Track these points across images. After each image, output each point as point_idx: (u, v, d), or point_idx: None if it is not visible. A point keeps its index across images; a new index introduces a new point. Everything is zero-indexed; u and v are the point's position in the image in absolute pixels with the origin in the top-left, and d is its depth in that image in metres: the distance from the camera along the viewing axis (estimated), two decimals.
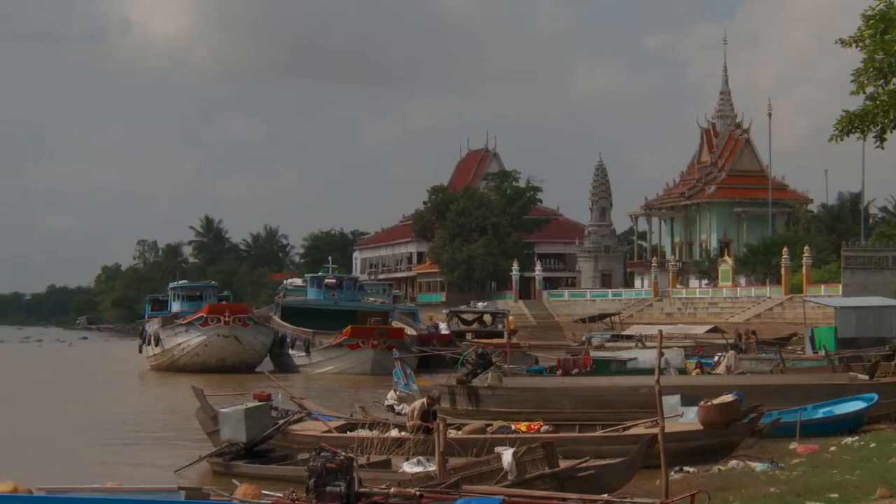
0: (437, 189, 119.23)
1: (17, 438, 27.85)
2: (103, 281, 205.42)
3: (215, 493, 14.68)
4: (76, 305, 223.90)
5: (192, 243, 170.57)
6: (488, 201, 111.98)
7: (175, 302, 66.23)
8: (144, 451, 25.46)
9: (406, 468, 17.91)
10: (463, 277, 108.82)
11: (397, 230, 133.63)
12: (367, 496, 13.41)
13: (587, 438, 20.54)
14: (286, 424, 21.62)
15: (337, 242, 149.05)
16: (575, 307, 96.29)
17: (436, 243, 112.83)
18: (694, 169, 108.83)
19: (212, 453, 21.11)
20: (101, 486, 14.81)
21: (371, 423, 22.54)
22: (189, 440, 25.19)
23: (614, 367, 35.16)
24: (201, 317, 56.23)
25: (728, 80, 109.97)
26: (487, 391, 27.10)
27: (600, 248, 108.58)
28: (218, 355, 55.30)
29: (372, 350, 52.16)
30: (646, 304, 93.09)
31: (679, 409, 21.81)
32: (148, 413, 35.34)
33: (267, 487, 15.50)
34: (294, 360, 56.68)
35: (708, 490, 14.18)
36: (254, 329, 56.62)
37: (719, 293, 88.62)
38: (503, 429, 21.27)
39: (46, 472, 20.00)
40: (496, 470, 15.82)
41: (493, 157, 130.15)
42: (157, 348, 59.41)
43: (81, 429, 30.13)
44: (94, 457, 24.10)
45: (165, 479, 19.78)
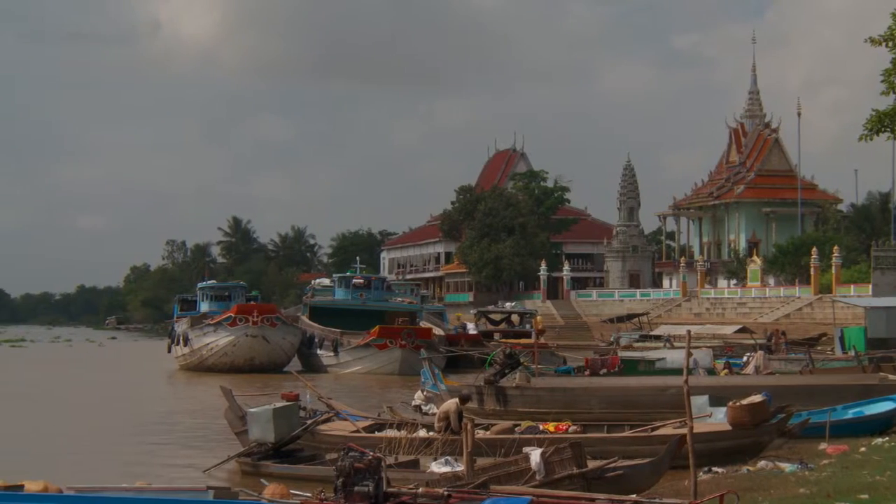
0: (465, 189, 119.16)
1: (46, 438, 27.99)
2: (132, 281, 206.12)
3: (244, 493, 14.71)
4: (105, 305, 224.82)
5: (220, 243, 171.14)
6: (516, 201, 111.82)
7: (204, 302, 66.45)
8: (173, 450, 25.53)
9: (434, 468, 17.91)
10: (491, 277, 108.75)
11: (425, 230, 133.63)
12: (395, 496, 13.41)
13: (615, 439, 20.48)
14: (314, 424, 21.66)
15: (365, 242, 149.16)
16: (603, 307, 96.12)
17: (463, 243, 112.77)
18: (722, 169, 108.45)
19: (240, 453, 21.16)
20: (130, 486, 14.86)
21: (399, 423, 22.54)
22: (218, 440, 25.27)
23: (642, 368, 35.09)
24: (230, 317, 56.32)
25: (757, 79, 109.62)
26: (515, 391, 27.08)
27: (628, 248, 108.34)
28: (246, 355, 55.38)
29: (400, 350, 52.20)
30: (674, 305, 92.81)
31: (708, 410, 21.72)
32: (176, 413, 35.44)
33: (295, 487, 15.53)
34: (322, 359, 56.75)
35: (737, 491, 14.11)
36: (282, 329, 56.67)
37: (748, 293, 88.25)
38: (531, 429, 21.25)
39: (76, 471, 20.08)
40: (524, 470, 15.80)
41: (520, 157, 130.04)
42: (185, 348, 59.54)
43: (111, 428, 30.24)
44: (123, 456, 24.19)
45: (194, 478, 19.85)
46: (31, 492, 13.46)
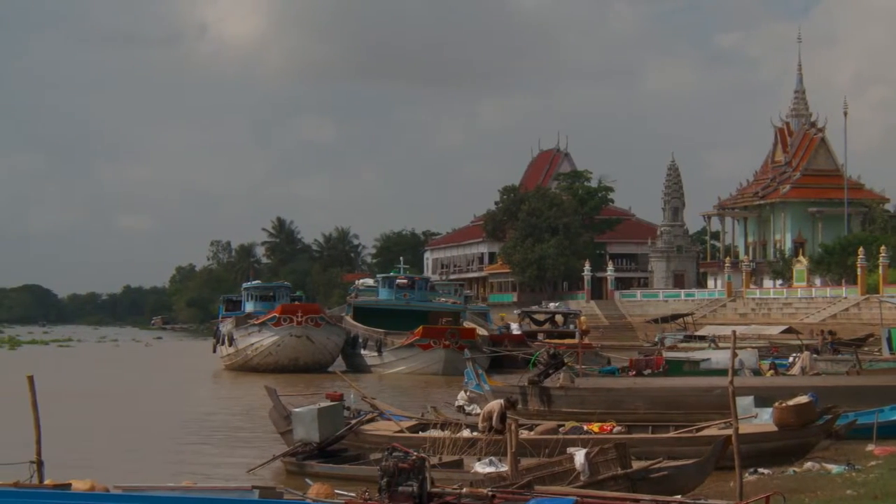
0: (509, 189, 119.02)
1: (94, 437, 28.19)
2: (178, 281, 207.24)
3: (289, 493, 14.76)
4: (151, 305, 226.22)
5: (264, 244, 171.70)
6: (560, 201, 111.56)
7: (248, 302, 66.76)
8: (218, 450, 25.66)
9: (478, 468, 17.91)
10: (534, 278, 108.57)
11: (469, 230, 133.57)
12: (439, 496, 13.42)
13: (660, 439, 20.41)
14: (358, 424, 21.71)
15: (408, 243, 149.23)
16: (647, 307, 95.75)
17: (507, 243, 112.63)
18: (768, 168, 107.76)
19: (285, 453, 21.23)
20: (176, 485, 14.95)
21: (443, 423, 22.55)
22: (262, 439, 25.36)
23: (687, 368, 34.95)
24: (274, 317, 56.55)
25: (802, 78, 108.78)
26: (559, 392, 27.04)
27: (673, 249, 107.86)
28: (290, 355, 55.58)
29: (443, 350, 52.25)
30: (719, 305, 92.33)
31: (753, 411, 21.62)
32: (222, 412, 35.61)
33: (340, 487, 15.58)
34: (366, 360, 56.87)
35: (783, 492, 14.05)
36: (326, 329, 56.83)
37: (794, 294, 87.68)
38: (575, 429, 21.20)
39: (122, 470, 20.22)
40: (568, 471, 15.77)
41: (564, 157, 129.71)
42: (230, 348, 59.83)
43: (157, 428, 30.42)
44: (169, 456, 24.33)
45: (239, 478, 19.94)
46: (79, 491, 13.56)
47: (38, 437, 14.73)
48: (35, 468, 14.49)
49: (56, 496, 12.14)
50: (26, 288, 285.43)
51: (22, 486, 13.49)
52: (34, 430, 14.76)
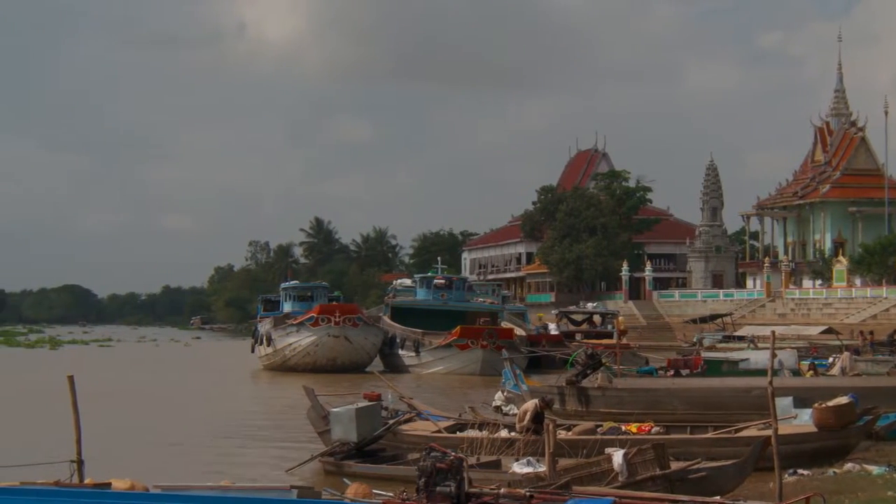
0: (547, 189, 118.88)
1: (133, 436, 28.35)
2: (216, 281, 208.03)
3: (327, 492, 14.78)
4: (190, 306, 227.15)
5: (302, 244, 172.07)
6: (598, 201, 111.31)
7: (287, 302, 66.97)
8: (257, 449, 25.76)
9: (516, 469, 17.90)
10: (572, 278, 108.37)
11: (506, 230, 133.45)
12: (476, 496, 13.40)
13: (699, 440, 20.33)
14: (396, 424, 21.72)
15: (446, 243, 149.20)
16: (686, 308, 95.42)
17: (545, 243, 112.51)
18: (807, 168, 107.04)
19: (323, 452, 21.28)
20: (214, 485, 15.01)
21: (481, 423, 22.54)
22: (300, 439, 25.43)
23: (726, 368, 34.82)
24: (312, 317, 56.68)
25: (843, 77, 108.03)
26: (597, 392, 26.97)
27: (711, 249, 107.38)
28: (328, 355, 55.71)
29: (481, 350, 52.21)
30: (758, 305, 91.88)
31: (792, 411, 21.50)
32: (260, 412, 35.75)
33: (378, 487, 15.58)
34: (403, 360, 56.92)
35: (823, 493, 13.96)
36: (364, 329, 56.92)
37: (834, 294, 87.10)
38: (613, 430, 21.15)
39: (162, 469, 20.32)
40: (606, 471, 15.74)
41: (602, 157, 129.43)
42: (269, 348, 60.01)
43: (196, 427, 30.56)
44: (207, 455, 24.44)
45: (278, 477, 20.00)
46: (119, 490, 13.63)
47: (79, 436, 14.81)
48: (75, 467, 14.57)
49: (96, 495, 12.20)
50: (67, 288, 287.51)
51: (62, 486, 13.57)
52: (74, 430, 14.84)
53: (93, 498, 11.87)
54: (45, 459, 15.12)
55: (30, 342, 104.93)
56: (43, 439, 24.71)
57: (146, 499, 12.25)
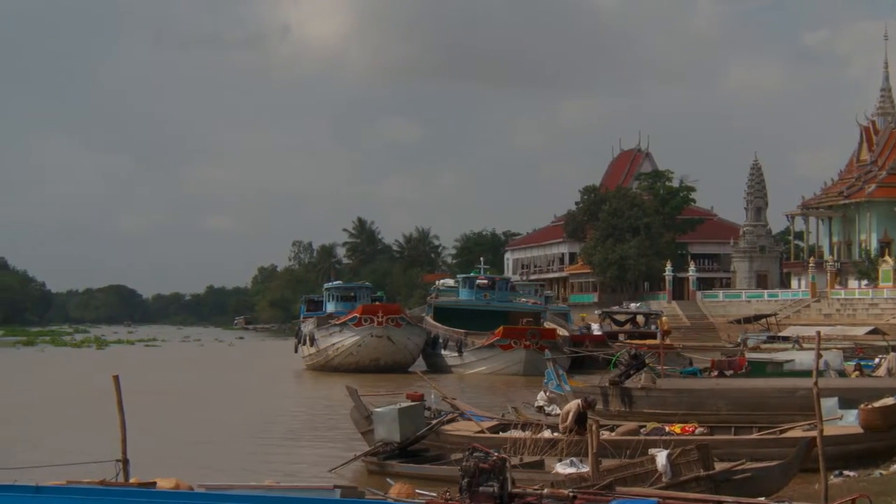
0: (590, 189, 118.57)
1: (178, 436, 28.50)
2: (260, 282, 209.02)
3: (370, 492, 14.81)
4: (234, 306, 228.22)
5: (345, 244, 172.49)
6: (641, 201, 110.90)
7: (330, 302, 67.17)
8: (300, 449, 25.84)
9: (559, 469, 17.87)
10: (615, 278, 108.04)
11: (549, 230, 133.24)
12: (520, 496, 13.39)
13: (743, 441, 20.24)
14: (439, 424, 21.74)
15: (489, 243, 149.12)
16: (730, 308, 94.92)
17: (588, 244, 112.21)
18: (853, 167, 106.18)
19: (366, 452, 21.33)
20: (258, 484, 15.07)
21: (524, 423, 22.52)
22: (344, 439, 25.49)
23: (770, 369, 34.56)
24: (355, 317, 56.79)
25: (889, 76, 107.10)
26: (641, 392, 26.87)
27: (756, 249, 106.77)
28: (371, 355, 55.79)
29: (524, 350, 52.17)
30: (803, 305, 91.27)
31: (838, 412, 21.34)
32: (303, 412, 35.86)
33: (421, 487, 15.60)
34: (446, 360, 56.95)
35: (869, 494, 13.85)
36: (406, 329, 56.98)
37: (880, 294, 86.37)
38: (657, 430, 21.08)
39: (206, 469, 20.43)
40: (650, 472, 15.69)
41: (645, 156, 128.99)
42: (312, 348, 60.18)
43: (240, 427, 30.70)
44: (251, 455, 24.54)
45: (321, 477, 20.06)
46: (163, 489, 13.71)
47: (124, 435, 14.91)
48: (121, 467, 14.67)
49: (141, 494, 12.28)
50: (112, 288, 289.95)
51: (108, 485, 13.66)
52: (120, 429, 14.95)
53: (138, 497, 11.95)
54: (91, 458, 15.21)
55: (76, 342, 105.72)
56: (89, 439, 24.88)
57: (191, 498, 12.31)
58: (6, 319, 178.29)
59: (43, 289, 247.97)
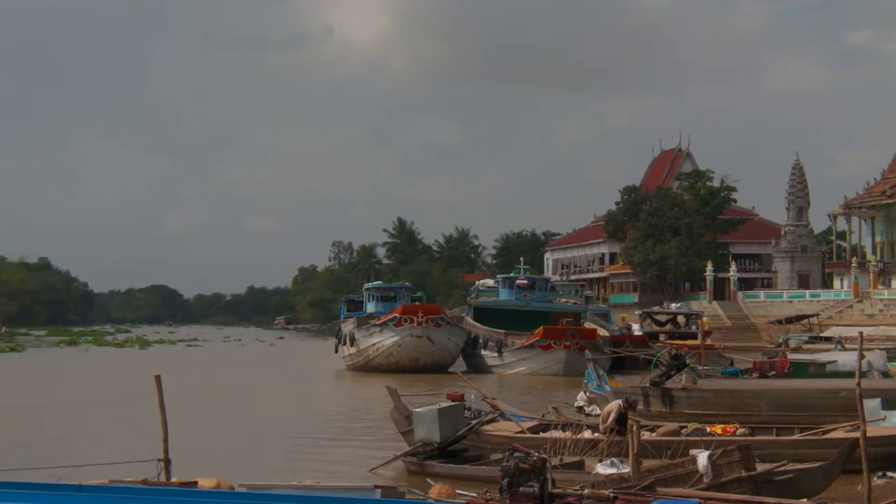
0: (630, 189, 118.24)
1: (219, 435, 28.62)
2: (300, 282, 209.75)
3: (410, 492, 14.82)
4: (274, 306, 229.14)
5: (385, 244, 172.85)
6: (681, 201, 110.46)
7: (370, 302, 67.29)
8: (340, 449, 25.87)
9: (599, 469, 17.82)
10: (656, 278, 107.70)
11: (589, 230, 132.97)
12: (560, 497, 13.37)
13: (785, 442, 20.11)
14: (479, 425, 21.71)
15: (528, 243, 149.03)
16: (771, 308, 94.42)
17: (628, 244, 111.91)
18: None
19: (406, 452, 21.33)
20: (299, 484, 15.11)
21: (564, 423, 22.48)
22: (384, 439, 25.52)
23: (813, 370, 34.34)
24: (395, 317, 56.85)
25: None
26: (681, 393, 26.77)
27: (797, 249, 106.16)
28: (411, 355, 55.83)
29: (564, 351, 52.08)
30: (845, 306, 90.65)
31: (881, 413, 21.18)
32: (343, 412, 35.93)
33: (461, 487, 15.60)
34: (486, 360, 56.92)
35: None
36: (446, 329, 56.98)
37: None
38: (698, 431, 21.00)
39: (247, 468, 20.49)
40: (691, 472, 15.63)
41: (686, 156, 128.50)
42: (352, 348, 60.29)
43: (280, 426, 30.77)
44: (291, 454, 24.58)
45: (361, 477, 20.08)
46: (205, 489, 13.78)
47: (166, 435, 14.99)
48: (162, 466, 14.75)
49: (182, 493, 12.34)
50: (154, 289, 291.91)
51: (150, 484, 13.74)
52: (161, 429, 15.03)
53: (179, 496, 12.01)
54: (133, 458, 15.31)
55: (118, 342, 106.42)
56: (132, 438, 25.04)
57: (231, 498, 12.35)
58: (49, 319, 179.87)
59: (85, 289, 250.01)
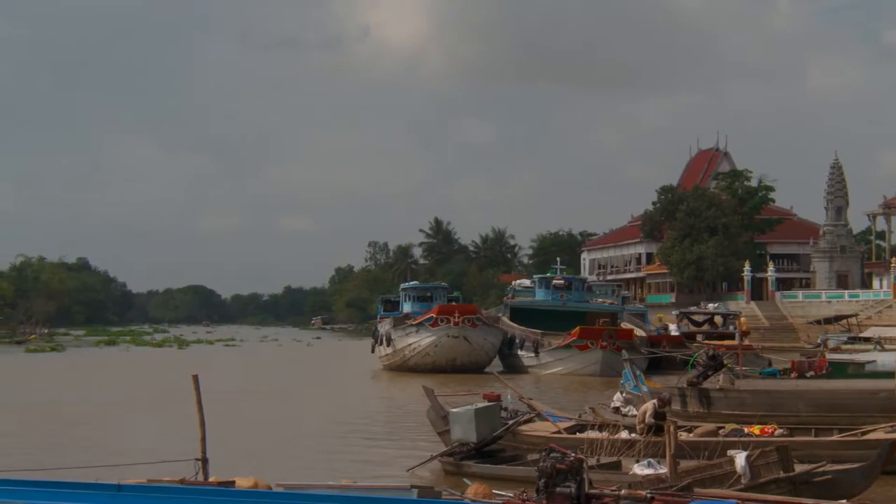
0: (667, 189, 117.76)
1: (257, 435, 28.71)
2: (337, 282, 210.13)
3: (447, 492, 14.82)
4: (311, 306, 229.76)
5: (421, 245, 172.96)
6: (719, 201, 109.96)
7: (406, 302, 67.34)
8: (377, 449, 25.91)
9: (637, 470, 17.78)
10: (693, 278, 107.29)
11: (626, 231, 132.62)
12: (597, 497, 13.34)
13: (824, 442, 20.00)
14: (516, 425, 21.69)
15: (565, 243, 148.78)
16: (809, 308, 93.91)
17: (665, 244, 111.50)
18: None
19: (443, 452, 21.33)
20: (335, 483, 15.14)
21: (601, 424, 22.43)
22: (420, 439, 25.54)
23: (852, 371, 34.16)
24: (431, 317, 56.86)
25: None
26: (719, 393, 26.64)
27: (836, 249, 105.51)
28: (448, 355, 55.82)
29: (601, 351, 51.97)
30: (885, 306, 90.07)
31: None
32: (380, 412, 35.98)
33: (497, 487, 15.59)
34: (523, 360, 56.86)
35: None
36: (483, 330, 56.95)
37: None
38: (735, 432, 20.92)
39: (284, 468, 20.55)
40: (729, 473, 15.56)
41: (723, 156, 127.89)
42: (388, 348, 60.34)
43: (317, 426, 30.85)
44: (328, 454, 24.64)
45: (398, 477, 20.10)
46: (242, 488, 13.83)
47: (203, 434, 15.05)
48: (200, 466, 14.82)
49: (220, 493, 12.39)
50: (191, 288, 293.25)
51: (188, 484, 13.80)
52: (199, 428, 15.09)
53: (217, 496, 12.06)
54: (171, 457, 15.38)
55: (156, 342, 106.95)
56: (170, 437, 25.16)
57: (269, 497, 12.40)
58: (88, 319, 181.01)
59: (123, 289, 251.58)
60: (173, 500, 11.92)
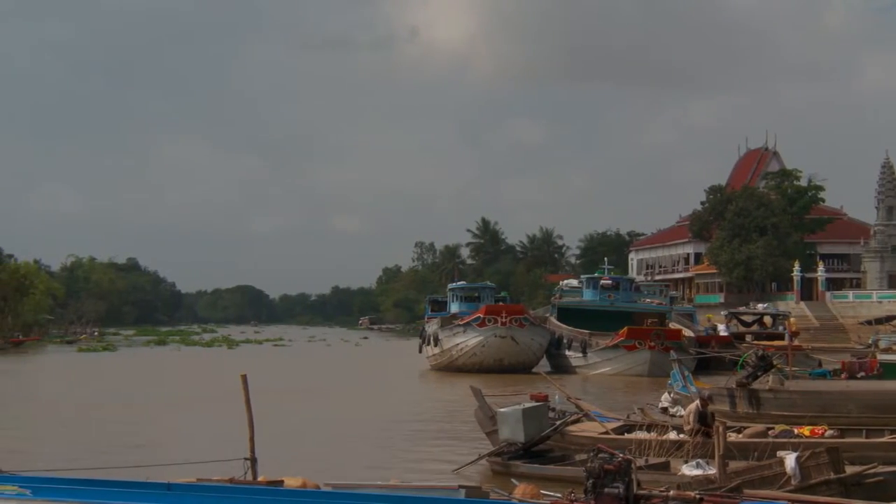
0: (715, 189, 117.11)
1: (305, 435, 28.81)
2: (384, 282, 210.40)
3: (495, 492, 14.82)
4: (358, 306, 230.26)
5: (469, 245, 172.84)
6: (768, 201, 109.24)
7: (454, 303, 67.37)
8: (425, 448, 25.94)
9: (685, 471, 17.70)
10: (742, 278, 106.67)
11: (674, 231, 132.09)
12: (645, 498, 13.29)
13: (875, 444, 19.83)
14: (563, 425, 21.67)
15: (613, 243, 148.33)
16: (860, 309, 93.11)
17: (713, 244, 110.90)
18: None
19: (490, 452, 21.34)
20: (384, 483, 15.17)
21: (649, 424, 22.36)
22: (468, 439, 25.55)
23: None
24: (479, 317, 56.86)
25: None
26: (768, 394, 26.50)
27: (887, 248, 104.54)
28: (495, 355, 55.80)
29: (649, 351, 51.81)
30: None
31: None
32: (428, 412, 35.99)
33: (545, 487, 15.57)
34: (570, 360, 56.78)
35: None
36: (530, 330, 56.91)
37: None
38: (785, 433, 20.79)
39: (332, 468, 20.62)
40: (778, 475, 15.47)
41: (773, 155, 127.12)
42: (436, 348, 60.40)
43: (366, 426, 30.92)
44: (376, 454, 24.69)
45: (446, 477, 20.12)
46: (291, 488, 13.88)
47: (252, 434, 15.13)
48: (249, 465, 14.89)
49: (269, 493, 12.43)
50: (240, 289, 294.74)
51: (237, 483, 13.88)
52: (248, 428, 15.17)
53: (266, 495, 12.10)
54: (220, 457, 15.46)
55: (205, 342, 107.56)
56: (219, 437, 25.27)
57: (317, 497, 12.43)
58: (138, 319, 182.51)
59: (173, 289, 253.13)
60: (222, 499, 11.97)
